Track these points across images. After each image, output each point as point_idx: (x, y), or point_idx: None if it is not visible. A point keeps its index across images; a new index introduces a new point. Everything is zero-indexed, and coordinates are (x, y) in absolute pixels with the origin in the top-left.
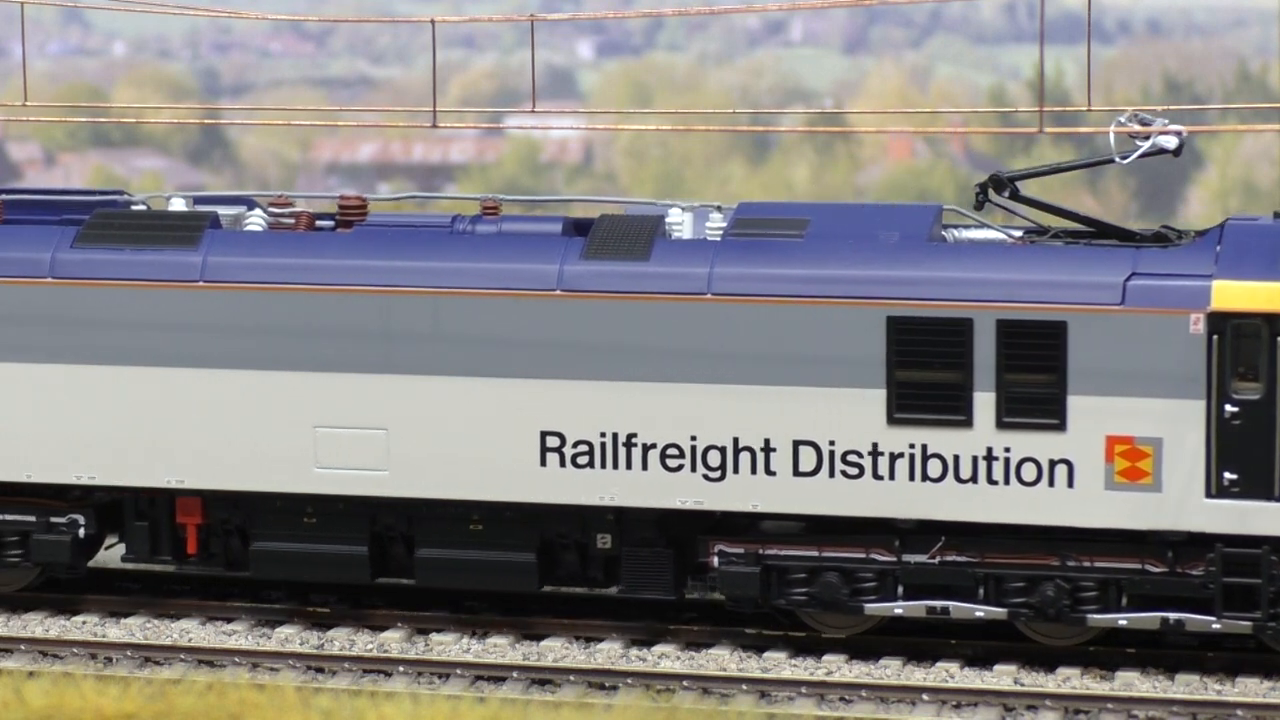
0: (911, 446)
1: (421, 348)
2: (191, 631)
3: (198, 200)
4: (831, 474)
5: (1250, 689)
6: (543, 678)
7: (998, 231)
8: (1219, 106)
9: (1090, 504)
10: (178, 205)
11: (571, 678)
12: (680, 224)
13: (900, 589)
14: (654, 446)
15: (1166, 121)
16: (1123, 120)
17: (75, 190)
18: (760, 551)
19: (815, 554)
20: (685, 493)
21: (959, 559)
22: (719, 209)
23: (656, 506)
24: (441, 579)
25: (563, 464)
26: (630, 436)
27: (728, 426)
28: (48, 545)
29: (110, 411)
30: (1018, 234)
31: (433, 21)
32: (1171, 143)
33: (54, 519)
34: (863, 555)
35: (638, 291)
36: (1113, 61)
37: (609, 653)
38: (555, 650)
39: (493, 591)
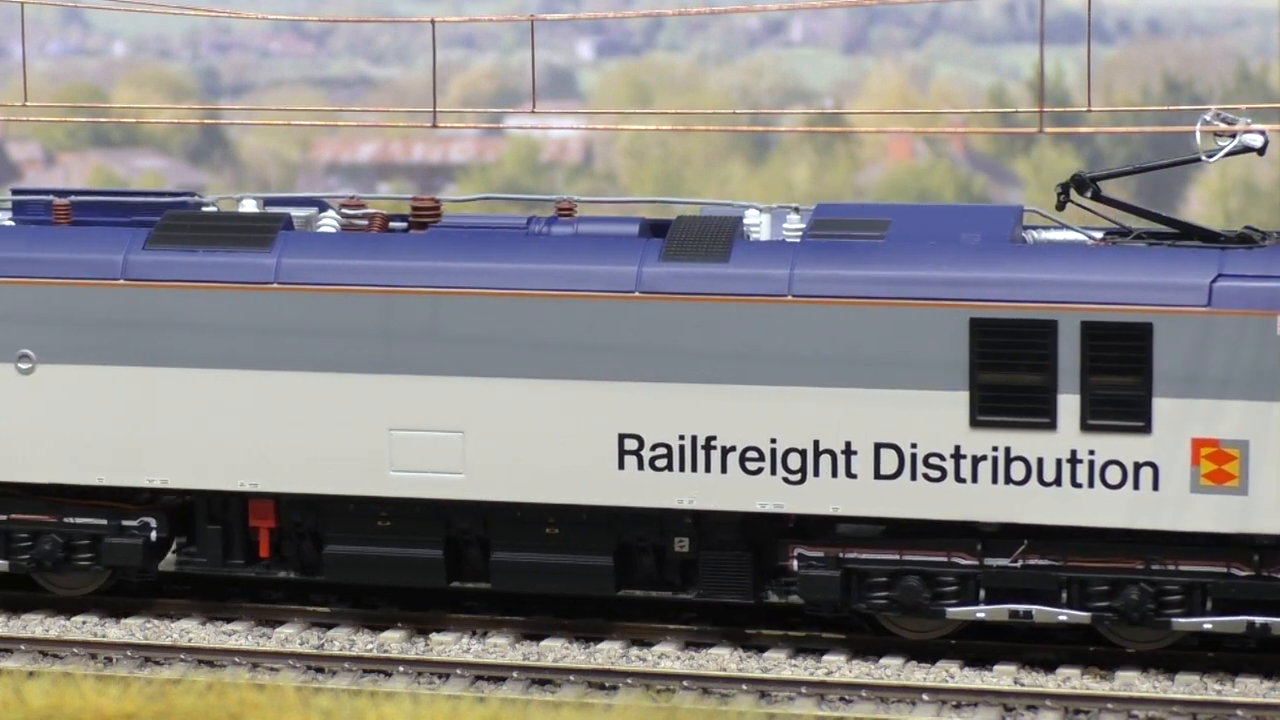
0: (994, 449)
1: (498, 350)
2: (191, 631)
3: (268, 202)
4: (913, 477)
5: (1250, 689)
6: (543, 678)
7: (1079, 233)
8: (1219, 107)
9: (1176, 507)
10: (249, 207)
11: (571, 678)
12: (758, 225)
13: (982, 593)
14: (733, 449)
15: (1250, 121)
16: (1207, 119)
17: (145, 191)
18: (841, 555)
19: (896, 558)
20: (765, 496)
21: (1042, 562)
22: (796, 210)
23: (736, 510)
24: (517, 583)
25: (641, 467)
26: (709, 439)
27: (808, 429)
28: (119, 548)
29: (182, 414)
30: (1099, 235)
31: (433, 21)
32: (1257, 141)
33: (125, 522)
34: (944, 559)
35: (717, 293)
36: (1113, 61)
37: (609, 653)
38: (555, 650)
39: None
